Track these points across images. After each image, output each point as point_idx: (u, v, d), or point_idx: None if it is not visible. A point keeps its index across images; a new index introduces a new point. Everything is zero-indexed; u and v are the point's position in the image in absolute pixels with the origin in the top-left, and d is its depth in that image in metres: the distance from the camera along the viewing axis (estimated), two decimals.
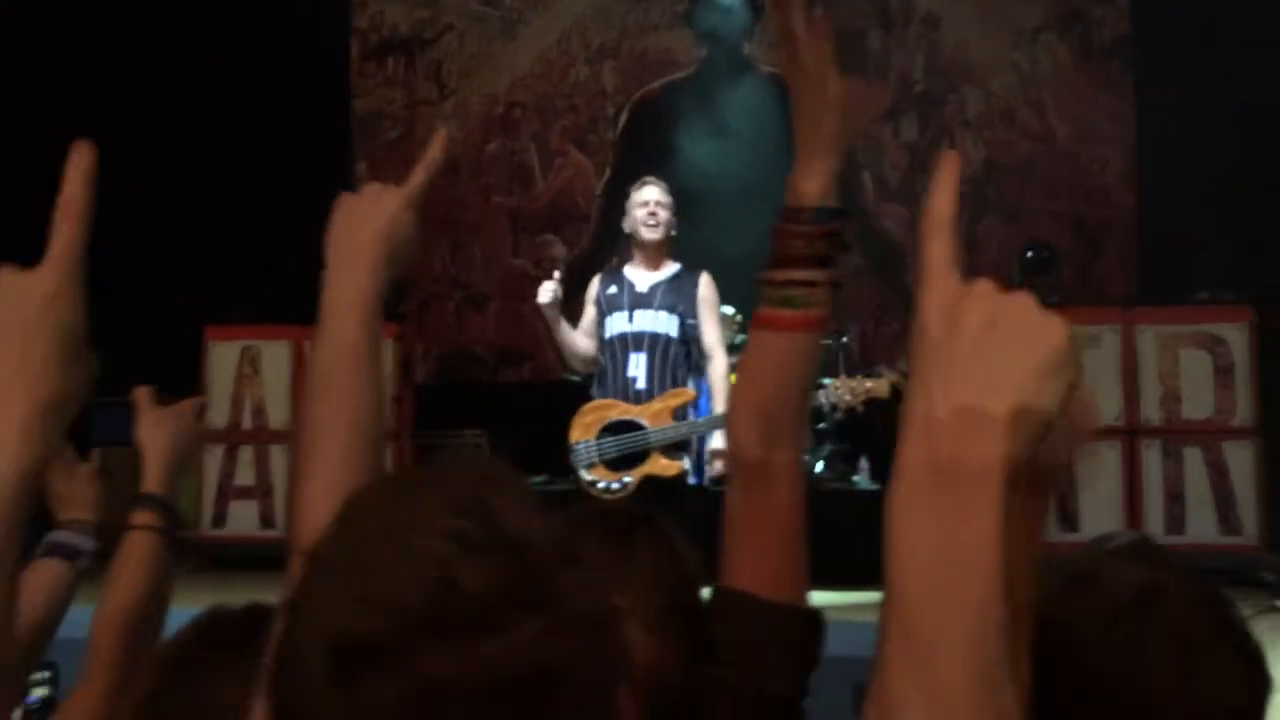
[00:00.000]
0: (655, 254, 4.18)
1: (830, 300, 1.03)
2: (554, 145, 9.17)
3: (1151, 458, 6.24)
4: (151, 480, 1.42)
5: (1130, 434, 6.32)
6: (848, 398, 4.29)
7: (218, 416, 7.00)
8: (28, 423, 0.67)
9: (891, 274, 8.51)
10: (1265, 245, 6.56)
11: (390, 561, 0.57)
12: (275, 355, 7.09)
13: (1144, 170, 8.24)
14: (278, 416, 7.02)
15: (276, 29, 8.23)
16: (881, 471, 6.80)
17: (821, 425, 7.12)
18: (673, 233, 4.21)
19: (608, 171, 9.05)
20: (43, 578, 1.34)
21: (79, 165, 0.73)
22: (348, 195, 1.02)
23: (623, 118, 9.09)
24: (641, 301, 4.10)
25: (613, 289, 4.19)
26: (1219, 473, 6.17)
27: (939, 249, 0.63)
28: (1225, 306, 6.30)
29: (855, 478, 6.91)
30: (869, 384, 4.30)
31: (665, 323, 4.06)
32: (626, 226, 4.23)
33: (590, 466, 3.97)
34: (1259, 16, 7.03)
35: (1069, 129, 8.55)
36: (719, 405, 3.98)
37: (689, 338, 4.09)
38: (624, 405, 4.01)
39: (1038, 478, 0.84)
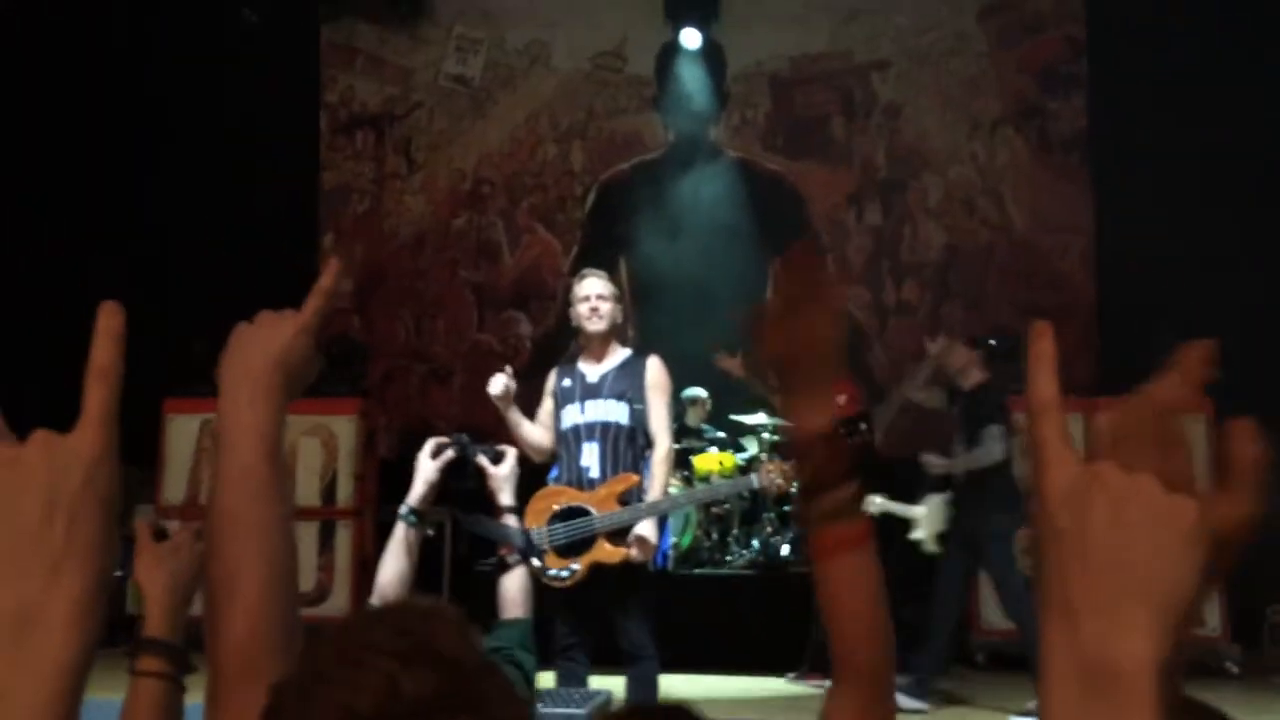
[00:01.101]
0: (601, 345, 4.22)
1: (861, 502, 1.09)
2: (521, 222, 9.22)
3: None
4: (155, 624, 1.36)
5: None
6: (779, 480, 4.31)
7: (174, 492, 6.85)
8: (83, 603, 0.64)
9: (854, 357, 8.57)
10: (1219, 329, 6.68)
11: (344, 675, 0.66)
12: None
13: (1102, 259, 8.42)
14: None
15: (247, 103, 8.25)
16: None
17: (788, 508, 7.10)
18: (618, 321, 4.23)
19: (575, 250, 9.10)
20: None
21: (108, 329, 0.71)
22: (242, 325, 1.02)
23: (591, 197, 9.18)
24: (592, 392, 4.16)
25: (566, 381, 4.24)
26: None
27: (1051, 430, 0.61)
28: None
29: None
30: None
31: (615, 411, 4.11)
32: (573, 320, 4.26)
33: (541, 554, 3.97)
34: (1211, 112, 7.26)
35: (1027, 218, 8.74)
36: (655, 490, 4.03)
37: (638, 424, 4.11)
38: (572, 492, 4.07)
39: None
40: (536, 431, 4.23)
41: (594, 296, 4.19)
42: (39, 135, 7.84)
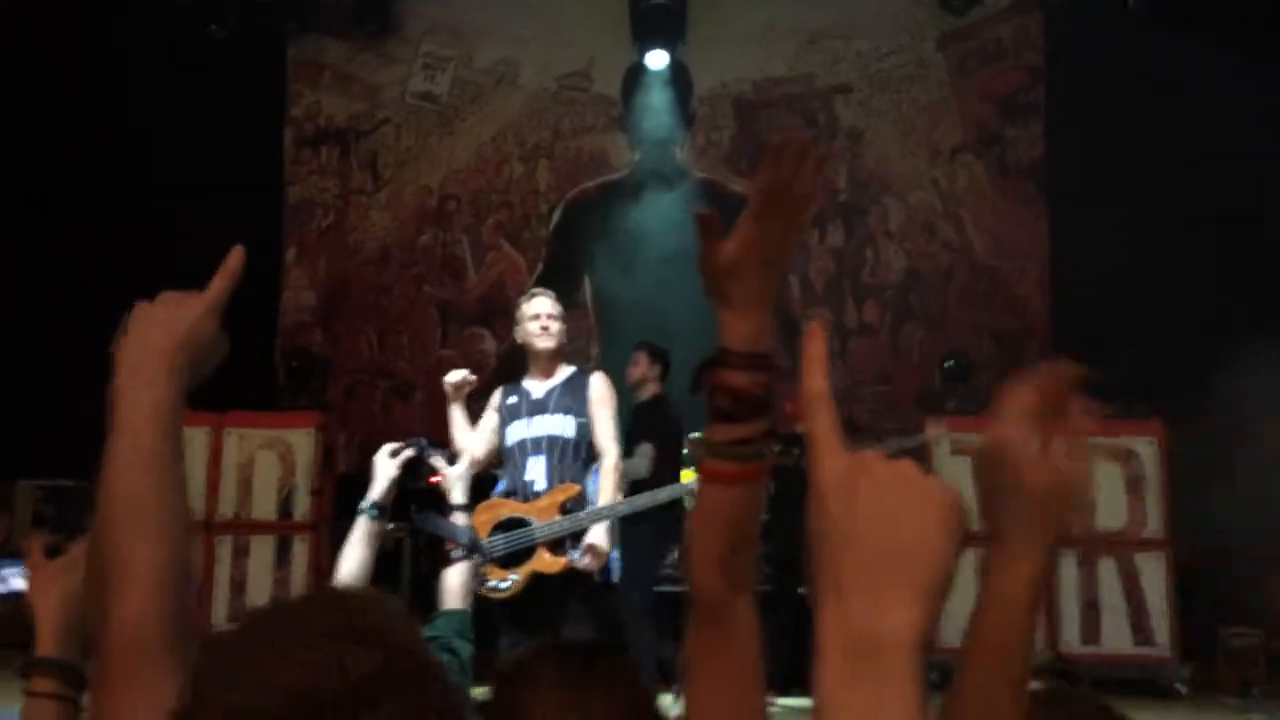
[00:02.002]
0: (549, 363, 4.31)
1: (769, 446, 1.04)
2: (486, 239, 9.24)
3: (1067, 566, 6.35)
4: (46, 643, 1.30)
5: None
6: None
7: None
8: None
9: None
10: (1171, 353, 6.82)
11: (283, 652, 0.65)
12: (193, 442, 6.91)
13: (1058, 282, 8.56)
14: (194, 505, 6.81)
15: (210, 115, 8.22)
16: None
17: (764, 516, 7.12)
18: (564, 340, 4.34)
19: (540, 267, 9.12)
20: None
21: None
22: (143, 304, 1.02)
23: (556, 215, 9.21)
24: (538, 408, 4.23)
25: (512, 399, 4.31)
26: (1132, 583, 6.30)
27: (823, 423, 0.66)
28: (1136, 421, 6.50)
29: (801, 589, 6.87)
30: None
31: (561, 425, 4.18)
32: (519, 337, 4.39)
33: (482, 565, 3.89)
34: (1164, 139, 7.43)
35: (986, 242, 8.88)
36: (604, 498, 4.06)
37: (583, 437, 4.17)
38: (513, 504, 4.10)
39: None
40: (471, 436, 4.24)
41: (544, 315, 4.28)
42: None
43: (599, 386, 4.26)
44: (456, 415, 4.24)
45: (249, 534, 6.85)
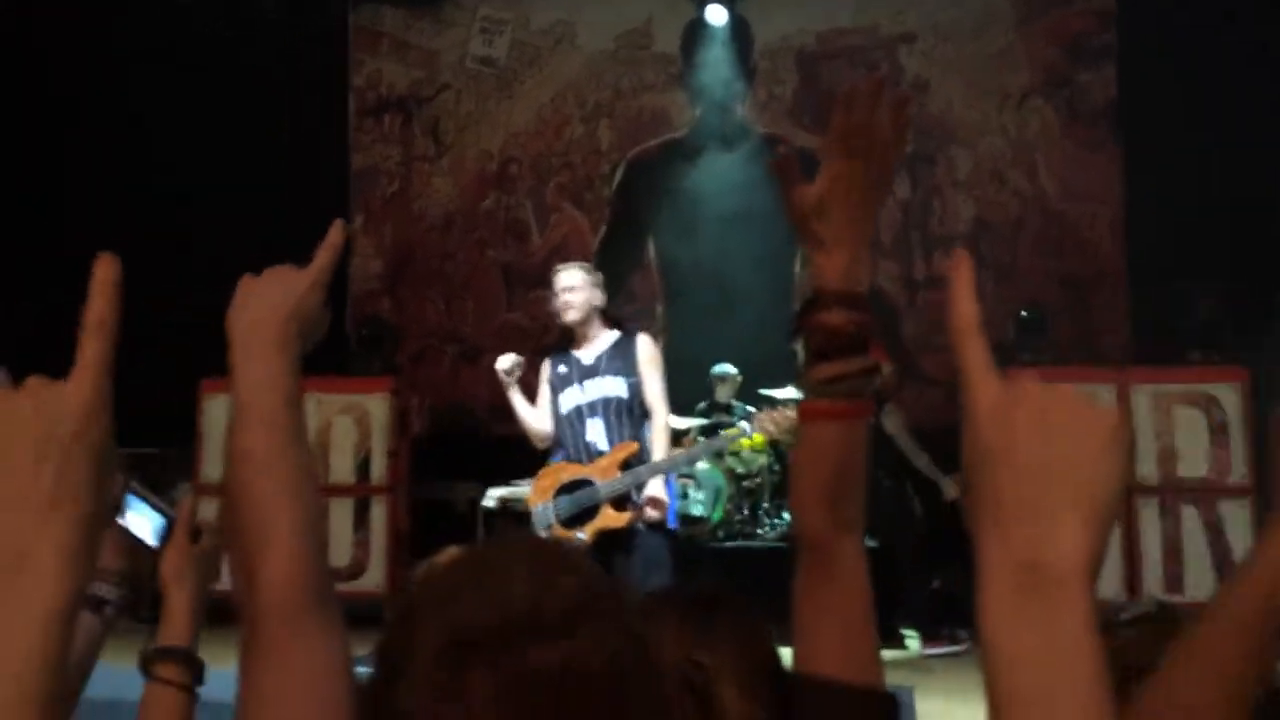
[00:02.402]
0: (584, 330, 4.40)
1: (871, 384, 1.03)
2: (549, 201, 9.25)
3: (1149, 516, 6.24)
4: (177, 632, 1.31)
5: (1128, 493, 6.32)
6: (771, 429, 4.37)
7: (213, 470, 6.96)
8: (71, 546, 0.64)
9: (885, 330, 8.56)
10: (1252, 300, 6.63)
11: (495, 577, 0.69)
12: None
13: (1132, 227, 8.36)
14: None
15: (277, 88, 8.32)
16: (877, 526, 6.78)
17: None
18: (595, 304, 4.40)
19: (603, 228, 9.12)
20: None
21: (105, 281, 0.71)
22: (249, 278, 1.01)
23: (618, 175, 9.19)
24: (589, 372, 4.34)
25: (561, 368, 4.42)
26: (1215, 531, 6.18)
27: (975, 352, 0.65)
28: (1219, 367, 6.35)
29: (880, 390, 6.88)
30: (791, 414, 4.29)
31: (615, 386, 4.29)
32: (554, 311, 4.52)
33: (548, 527, 4.17)
34: (1241, 79, 7.19)
35: (1058, 189, 8.68)
36: (657, 455, 4.21)
37: (635, 396, 4.30)
38: (574, 467, 4.23)
39: None
40: (536, 414, 4.39)
41: (563, 291, 4.38)
42: (60, 116, 7.96)
43: (646, 347, 4.35)
44: (516, 400, 4.37)
45: (328, 497, 6.97)
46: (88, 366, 0.68)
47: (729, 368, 7.36)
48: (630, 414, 4.28)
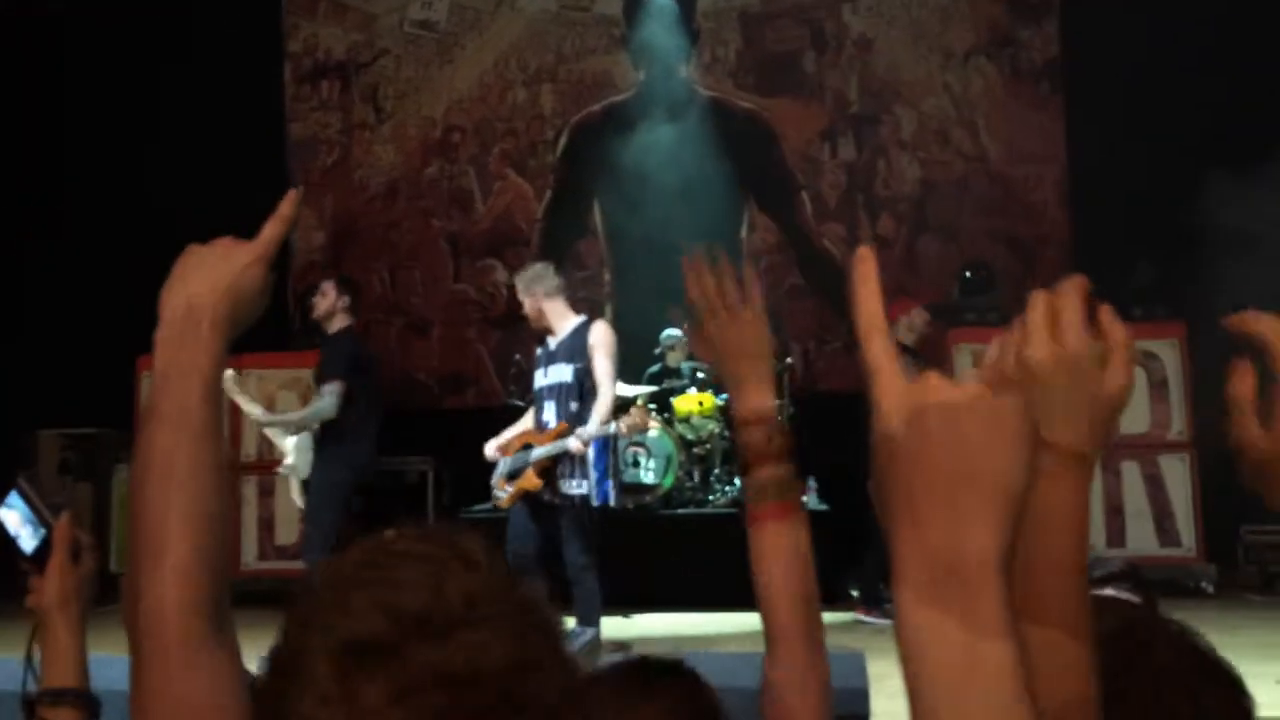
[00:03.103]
0: (547, 324, 5.03)
1: (797, 490, 1.23)
2: (493, 169, 9.13)
3: None
4: (66, 669, 1.21)
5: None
6: (634, 423, 4.97)
7: None
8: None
9: (831, 293, 8.59)
10: (1192, 258, 6.73)
11: (386, 579, 0.67)
12: None
13: (1075, 188, 8.42)
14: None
15: (207, 53, 8.09)
16: (828, 491, 6.84)
17: None
18: (541, 303, 4.99)
19: (548, 195, 9.03)
20: None
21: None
22: (193, 249, 0.97)
23: (562, 140, 9.08)
24: (551, 359, 5.02)
25: (539, 351, 5.13)
26: (1156, 486, 6.29)
27: (880, 351, 0.65)
28: (1158, 323, 6.44)
29: (803, 498, 6.91)
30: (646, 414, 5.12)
31: (564, 373, 4.94)
32: None
33: (498, 477, 5.12)
34: (1184, 38, 7.23)
35: (1001, 149, 8.72)
36: (590, 425, 4.87)
37: (580, 381, 4.92)
38: (533, 435, 5.11)
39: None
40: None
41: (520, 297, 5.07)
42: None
43: (596, 333, 4.92)
44: (521, 424, 5.21)
45: (274, 474, 6.90)
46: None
47: (678, 332, 7.34)
48: (577, 396, 4.90)
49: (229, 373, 4.68)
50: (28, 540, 1.27)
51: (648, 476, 6.90)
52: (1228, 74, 7.17)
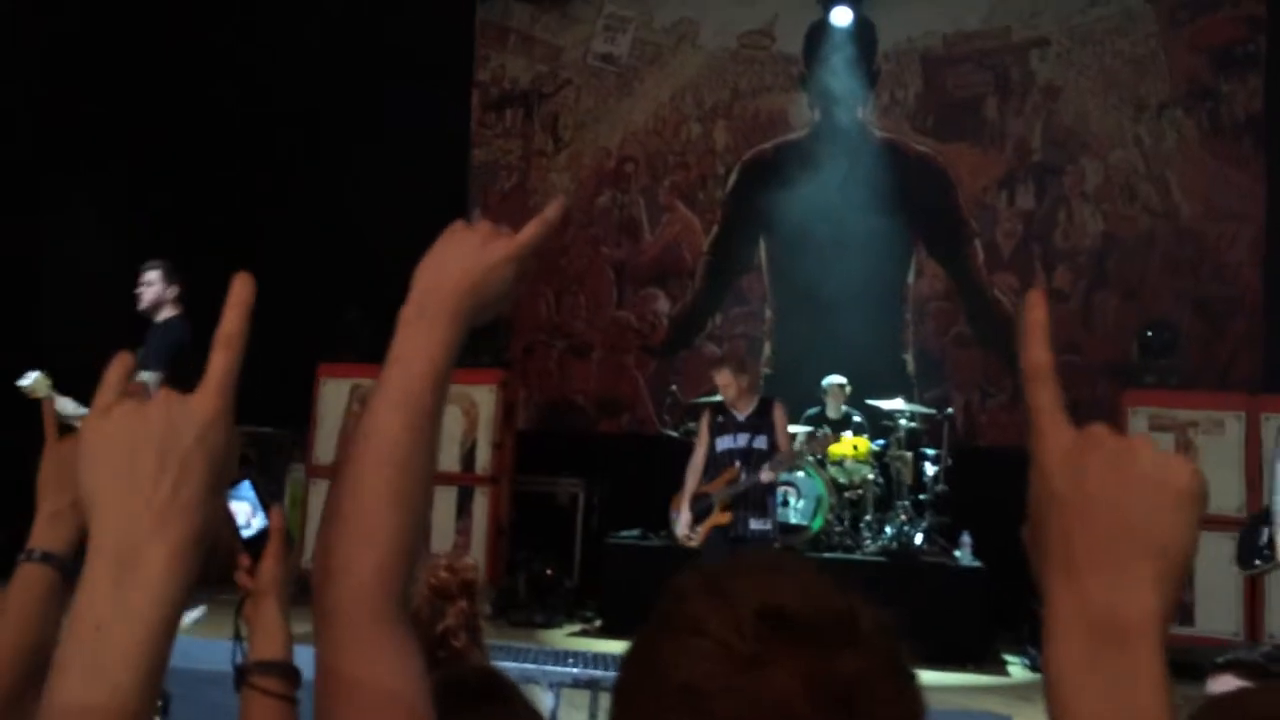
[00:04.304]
0: (731, 401, 5.78)
1: None
2: (663, 200, 9.26)
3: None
4: (274, 645, 1.27)
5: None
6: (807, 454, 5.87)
7: (325, 452, 7.18)
8: (181, 552, 0.67)
9: (999, 344, 8.33)
10: None
11: (805, 576, 0.69)
12: None
13: (1272, 250, 7.93)
14: None
15: (402, 80, 8.52)
16: (982, 547, 6.60)
17: (923, 497, 6.97)
18: (743, 386, 5.72)
19: (715, 229, 9.09)
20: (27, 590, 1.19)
21: (239, 299, 0.74)
22: (459, 226, 0.95)
23: (733, 176, 9.14)
24: (740, 428, 5.73)
25: (720, 417, 5.81)
26: None
27: (1047, 397, 0.64)
28: None
29: (956, 553, 6.70)
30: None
31: (757, 441, 5.70)
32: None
33: (684, 528, 5.82)
34: None
35: (1193, 205, 8.30)
36: (777, 460, 5.70)
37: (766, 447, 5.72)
38: (708, 485, 5.78)
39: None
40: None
41: (721, 387, 5.76)
42: (198, 114, 8.27)
43: (778, 412, 5.74)
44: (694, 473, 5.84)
45: (434, 484, 7.14)
46: (214, 380, 0.71)
47: (838, 378, 7.24)
48: (760, 460, 5.65)
49: (36, 374, 4.75)
50: (249, 528, 1.37)
51: (795, 517, 6.82)
52: None
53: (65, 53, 7.69)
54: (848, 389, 7.23)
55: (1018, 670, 6.08)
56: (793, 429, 6.71)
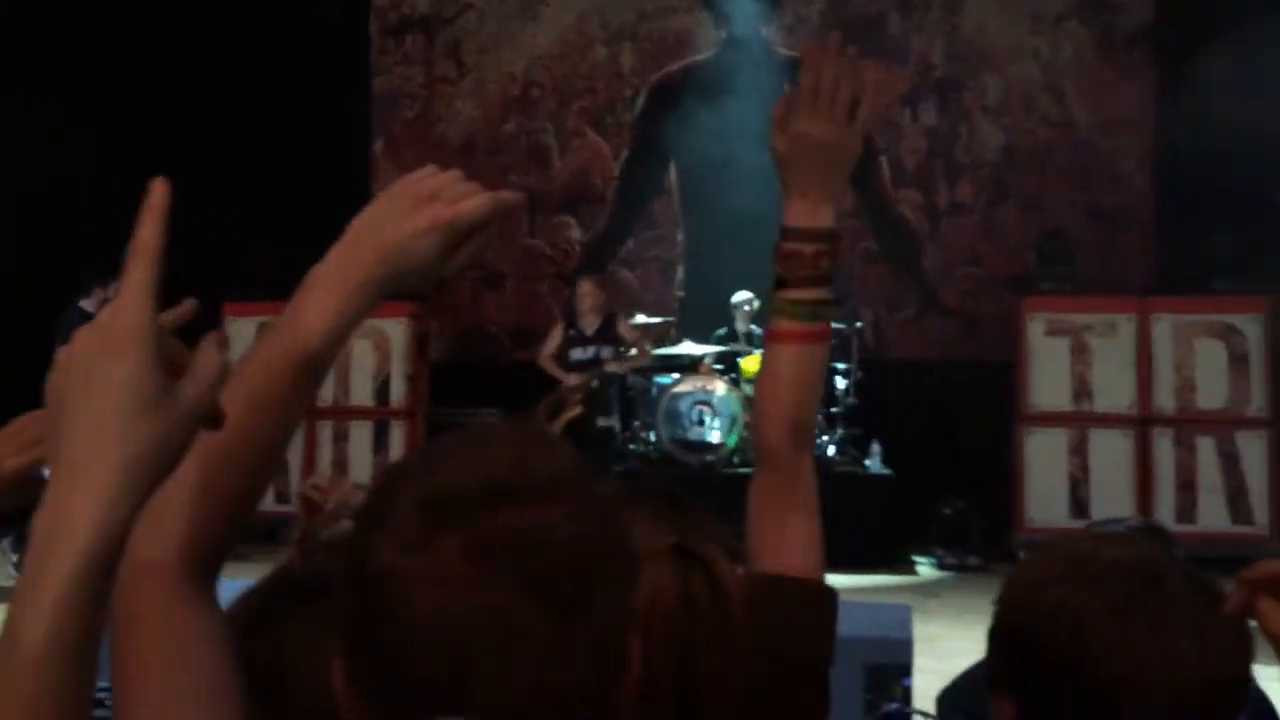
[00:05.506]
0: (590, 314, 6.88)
1: (831, 313, 1.19)
2: (571, 126, 9.18)
3: (1164, 446, 6.24)
4: None
5: (1143, 423, 6.32)
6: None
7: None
8: (107, 494, 0.64)
9: (906, 259, 8.51)
10: (1277, 231, 6.54)
11: (479, 448, 0.72)
12: None
13: (1163, 158, 8.20)
14: None
15: (297, 9, 8.25)
16: (891, 455, 6.83)
17: (835, 410, 7.15)
18: (599, 300, 7.00)
19: (624, 154, 9.06)
20: None
21: (155, 208, 0.70)
22: (406, 180, 0.89)
23: (640, 100, 9.09)
24: (588, 340, 6.68)
25: (571, 331, 6.74)
26: (1231, 462, 6.18)
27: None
28: (1241, 296, 6.28)
29: (867, 462, 6.93)
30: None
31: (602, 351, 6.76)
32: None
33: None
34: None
35: (1089, 116, 8.51)
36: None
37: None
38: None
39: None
40: None
41: (581, 295, 6.90)
42: (98, 46, 7.94)
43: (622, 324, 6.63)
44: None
45: (348, 419, 7.11)
46: (132, 290, 0.68)
47: (746, 294, 7.35)
48: None
49: None
50: None
51: (712, 435, 6.96)
52: None
53: None
54: (756, 305, 7.34)
55: (926, 570, 6.35)
56: (699, 349, 6.83)
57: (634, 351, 7.07)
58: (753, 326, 7.41)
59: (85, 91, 7.68)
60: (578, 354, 6.92)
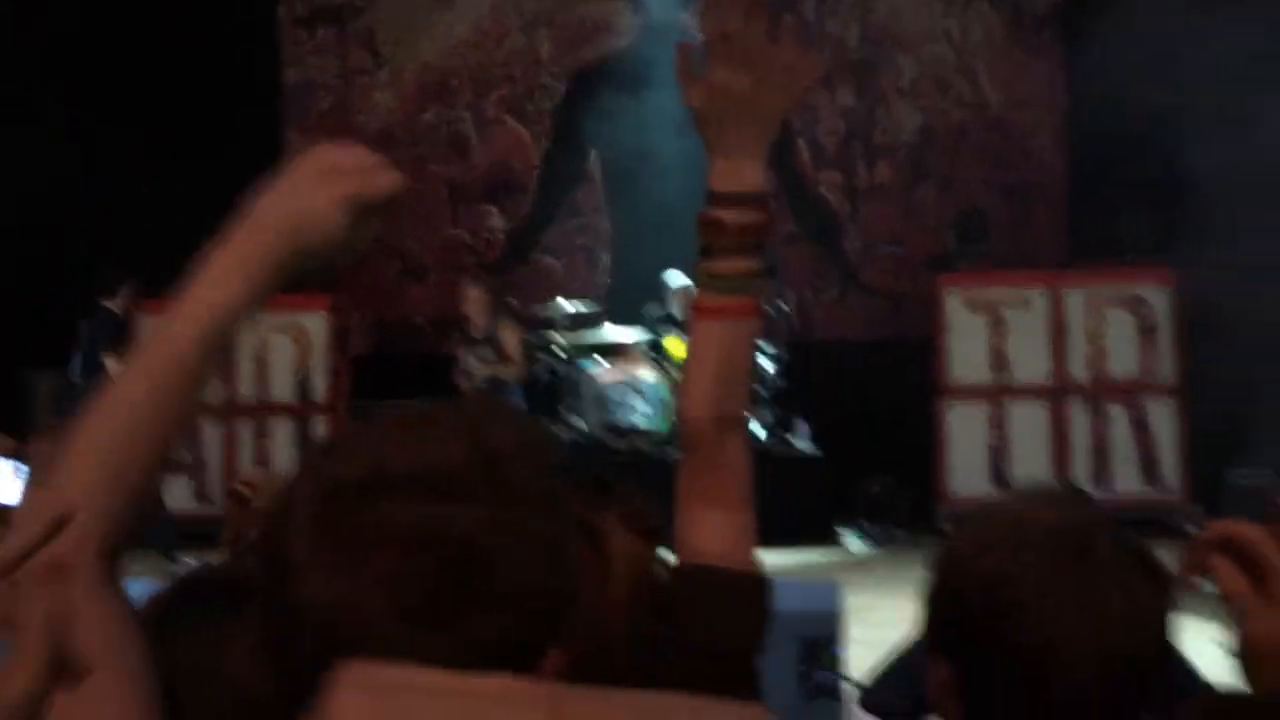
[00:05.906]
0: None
1: (761, 283, 1.09)
2: (490, 115, 9.09)
3: (1079, 415, 6.42)
4: None
5: (1058, 392, 6.48)
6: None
7: None
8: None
9: (828, 240, 8.60)
10: (1185, 205, 6.74)
11: (376, 436, 0.70)
12: None
13: (1073, 136, 8.40)
14: (210, 392, 6.93)
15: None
16: (819, 434, 6.92)
17: (763, 392, 7.22)
18: (487, 304, 7.16)
19: (545, 142, 9.00)
20: None
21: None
22: (315, 151, 0.87)
23: (560, 87, 9.04)
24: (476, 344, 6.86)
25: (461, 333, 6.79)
26: (1142, 429, 6.37)
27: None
28: (1149, 268, 6.47)
29: (796, 442, 7.01)
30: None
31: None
32: None
33: None
34: None
35: (1001, 96, 8.68)
36: None
37: None
38: None
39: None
40: None
41: (469, 300, 7.05)
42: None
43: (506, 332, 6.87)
44: None
45: (269, 416, 6.97)
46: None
47: (683, 280, 7.36)
48: None
49: None
50: None
51: (643, 421, 6.98)
52: (1233, 28, 7.12)
53: None
54: (692, 291, 7.37)
55: (854, 544, 6.45)
56: (628, 334, 6.83)
57: (509, 367, 7.22)
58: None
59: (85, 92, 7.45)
60: (469, 360, 7.20)
